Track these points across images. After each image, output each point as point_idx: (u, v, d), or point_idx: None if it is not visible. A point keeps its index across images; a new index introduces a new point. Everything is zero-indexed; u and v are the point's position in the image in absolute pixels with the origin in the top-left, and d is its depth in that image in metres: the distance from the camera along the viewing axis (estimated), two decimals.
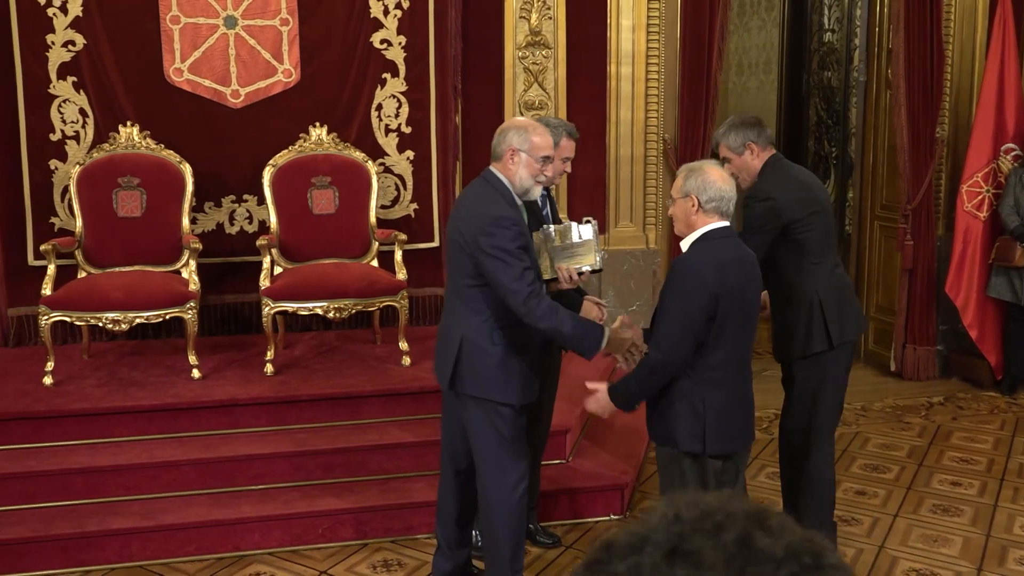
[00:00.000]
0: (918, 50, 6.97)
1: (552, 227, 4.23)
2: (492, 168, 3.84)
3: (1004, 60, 6.96)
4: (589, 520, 5.07)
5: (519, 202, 3.81)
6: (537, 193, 3.87)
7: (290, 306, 5.65)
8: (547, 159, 3.80)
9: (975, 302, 7.13)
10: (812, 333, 4.25)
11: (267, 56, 6.30)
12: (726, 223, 3.55)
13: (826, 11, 10.41)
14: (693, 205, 3.52)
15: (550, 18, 6.60)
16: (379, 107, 6.49)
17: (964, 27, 7.26)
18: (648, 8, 6.72)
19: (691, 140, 6.75)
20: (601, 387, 3.73)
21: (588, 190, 6.75)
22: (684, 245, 3.61)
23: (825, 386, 4.36)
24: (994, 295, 6.99)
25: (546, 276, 4.02)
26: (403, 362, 5.77)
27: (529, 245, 3.71)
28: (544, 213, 4.43)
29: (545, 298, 3.67)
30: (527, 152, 3.74)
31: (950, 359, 7.51)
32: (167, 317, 5.52)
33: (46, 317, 5.35)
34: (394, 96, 6.51)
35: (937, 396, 7.04)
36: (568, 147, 4.25)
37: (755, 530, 0.88)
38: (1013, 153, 7.04)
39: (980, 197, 7.07)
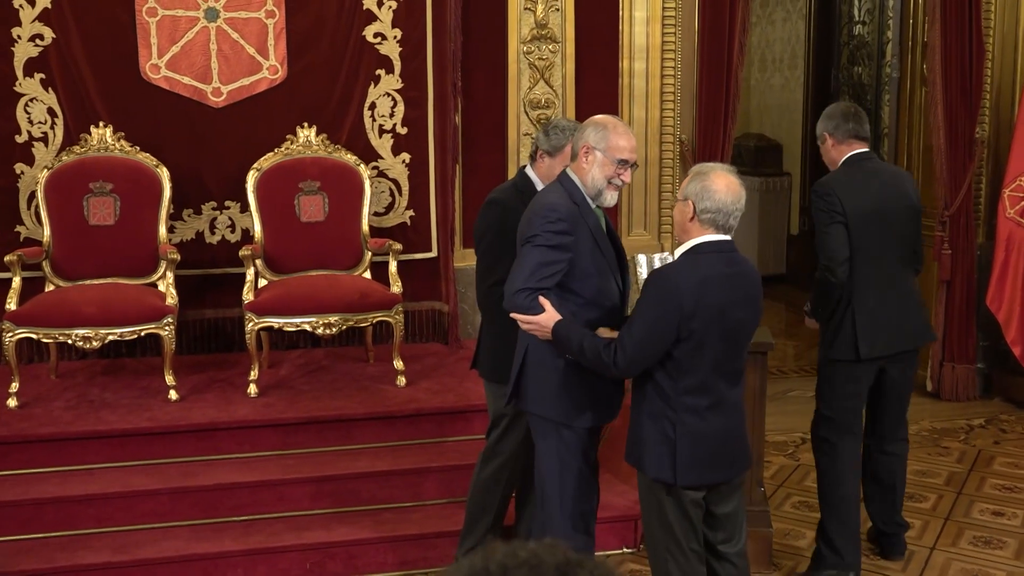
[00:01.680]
0: (956, 44, 6.97)
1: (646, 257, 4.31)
2: (567, 169, 3.86)
3: None
4: (599, 553, 5.05)
5: (592, 205, 3.79)
6: (612, 199, 3.81)
7: (275, 322, 5.64)
8: (625, 163, 3.76)
9: (1019, 316, 7.11)
10: (839, 338, 4.60)
11: (251, 51, 6.31)
12: (724, 236, 3.53)
13: (856, 2, 10.42)
14: (689, 212, 3.52)
15: (557, 10, 6.61)
16: (372, 106, 6.50)
17: (1006, 19, 7.26)
18: None
19: (710, 141, 6.75)
20: (554, 315, 3.63)
21: None
22: (676, 255, 3.62)
23: (835, 394, 4.70)
24: None
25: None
26: (398, 382, 5.76)
27: (573, 247, 3.67)
28: None
29: (526, 297, 3.63)
30: (603, 151, 3.74)
31: (992, 378, 7.49)
32: (142, 334, 5.52)
33: (11, 334, 5.35)
34: (389, 94, 6.52)
35: (978, 418, 7.02)
36: None
37: None
38: None
39: (1023, 203, 7.06)
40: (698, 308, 3.42)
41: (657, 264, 4.25)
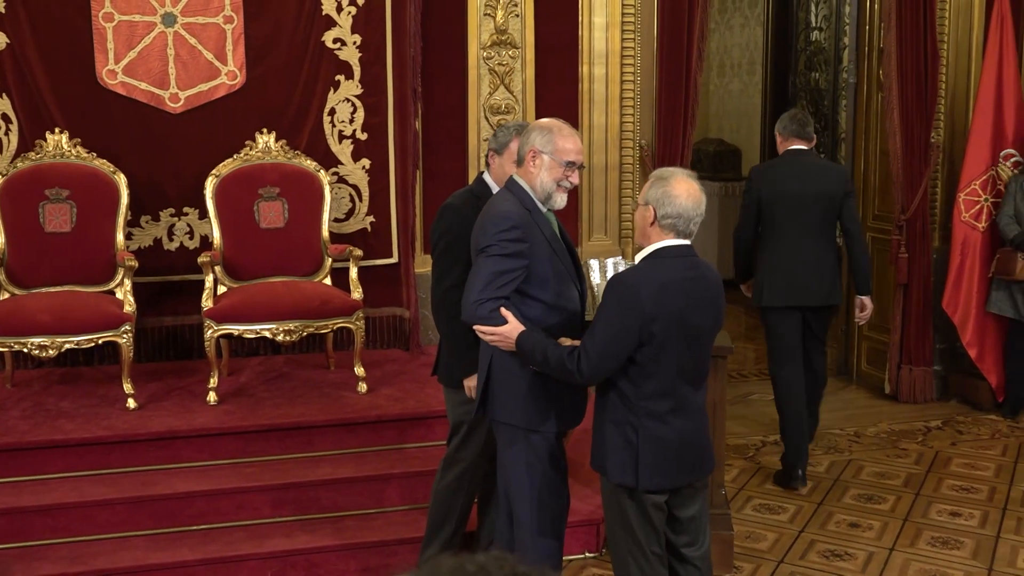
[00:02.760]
0: (911, 49, 7.04)
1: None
2: (514, 174, 3.86)
3: (1002, 60, 7.04)
4: (563, 558, 5.04)
5: (543, 209, 3.80)
6: (561, 201, 3.82)
7: (235, 329, 5.60)
8: (572, 164, 3.77)
9: (974, 319, 7.19)
10: (755, 290, 5.96)
11: (209, 56, 6.26)
12: (684, 241, 3.55)
13: (813, 8, 10.51)
14: (650, 217, 3.54)
15: (517, 15, 6.62)
16: (332, 112, 6.48)
17: (960, 25, 7.35)
18: (623, 5, 6.75)
19: (670, 146, 6.77)
20: (517, 326, 3.62)
21: None
22: (636, 259, 3.63)
23: (768, 334, 6.03)
24: (995, 311, 7.06)
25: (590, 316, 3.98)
26: (359, 389, 5.74)
27: (529, 254, 3.67)
28: None
29: (496, 303, 3.63)
30: (550, 155, 3.74)
31: (948, 380, 7.57)
32: (99, 342, 5.46)
33: None
34: (348, 100, 6.49)
35: (935, 420, 7.09)
36: None
37: None
38: (1013, 159, 7.12)
39: (978, 206, 7.15)
40: (659, 313, 3.43)
41: (611, 269, 4.27)
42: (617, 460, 3.57)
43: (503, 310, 3.62)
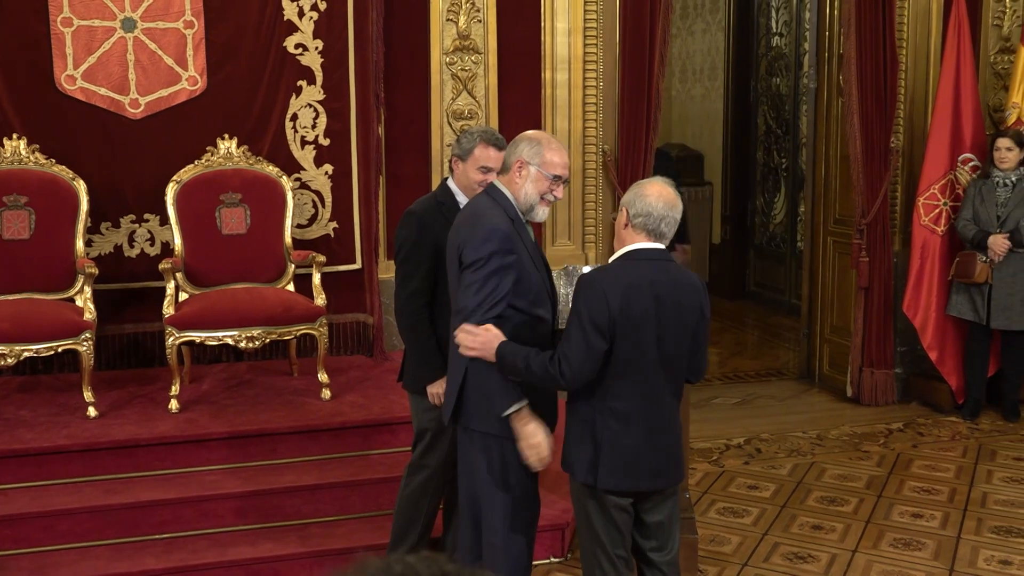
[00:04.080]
0: (870, 55, 7.12)
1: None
2: (496, 181, 3.85)
3: (960, 65, 7.13)
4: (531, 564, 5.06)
5: (523, 219, 3.80)
6: (544, 214, 3.82)
7: (197, 335, 5.58)
8: (559, 178, 3.76)
9: (934, 322, 7.28)
10: None
11: (170, 62, 6.24)
12: (658, 244, 3.58)
13: (774, 14, 10.62)
14: (624, 219, 3.58)
15: (479, 21, 6.64)
16: (294, 117, 6.46)
17: (918, 31, 7.44)
18: (585, 10, 6.78)
19: (632, 152, 6.82)
20: (498, 335, 3.60)
21: None
22: (610, 261, 3.67)
23: None
24: (954, 314, 7.14)
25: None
26: (323, 395, 5.73)
27: (517, 266, 3.67)
28: None
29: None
30: (538, 167, 3.74)
31: (909, 383, 7.65)
32: (59, 350, 5.42)
33: None
34: (310, 105, 6.49)
35: (896, 422, 7.17)
36: (485, 156, 4.24)
37: None
38: (971, 164, 7.21)
39: (937, 210, 7.23)
40: (621, 313, 3.45)
41: (572, 273, 4.28)
42: (580, 458, 3.59)
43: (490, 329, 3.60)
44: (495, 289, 3.61)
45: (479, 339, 3.58)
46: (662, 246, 3.58)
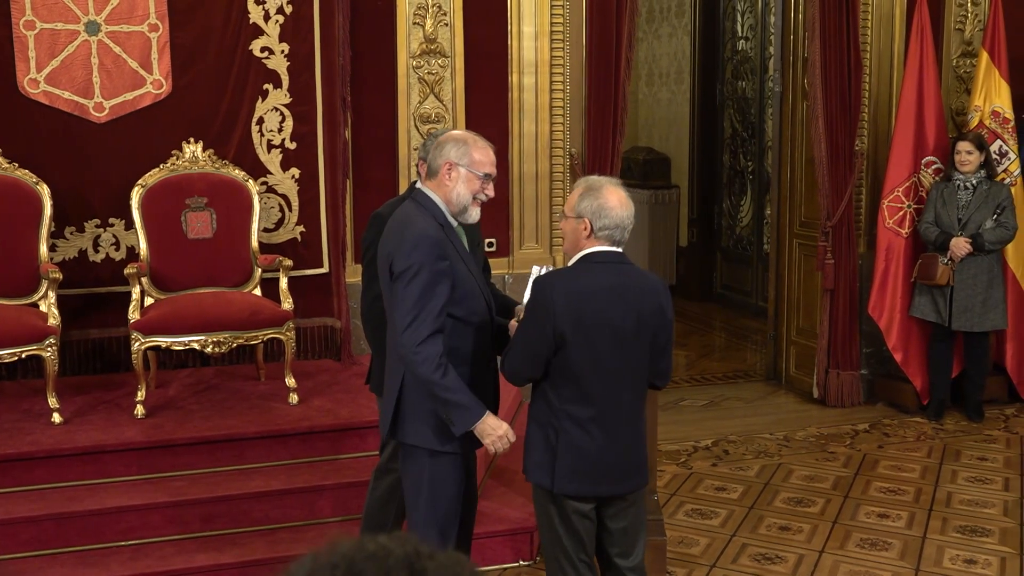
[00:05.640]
0: (835, 59, 7.18)
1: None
2: (422, 186, 3.81)
3: (923, 69, 7.20)
4: (495, 567, 5.07)
5: (454, 223, 3.78)
6: (476, 215, 3.80)
7: (163, 340, 5.55)
8: (488, 176, 3.76)
9: (899, 323, 7.34)
10: None
11: (134, 65, 6.20)
12: (615, 249, 3.58)
13: (739, 18, 10.69)
14: (585, 229, 3.55)
15: (446, 24, 6.64)
16: (260, 121, 6.44)
17: (882, 34, 7.50)
18: (551, 14, 6.80)
19: (599, 154, 6.84)
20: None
21: (490, 209, 6.73)
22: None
23: None
24: (917, 315, 7.21)
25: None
26: (290, 400, 5.71)
27: (451, 272, 3.63)
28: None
29: (438, 345, 3.58)
30: (467, 167, 3.72)
31: (875, 384, 7.72)
32: (23, 355, 5.37)
33: None
34: (277, 109, 6.47)
35: (862, 423, 7.23)
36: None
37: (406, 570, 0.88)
38: (934, 167, 7.29)
39: (901, 213, 7.30)
40: (572, 318, 3.45)
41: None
42: (537, 461, 3.60)
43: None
44: (430, 302, 3.55)
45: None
46: (619, 248, 3.59)
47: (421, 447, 3.74)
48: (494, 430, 3.65)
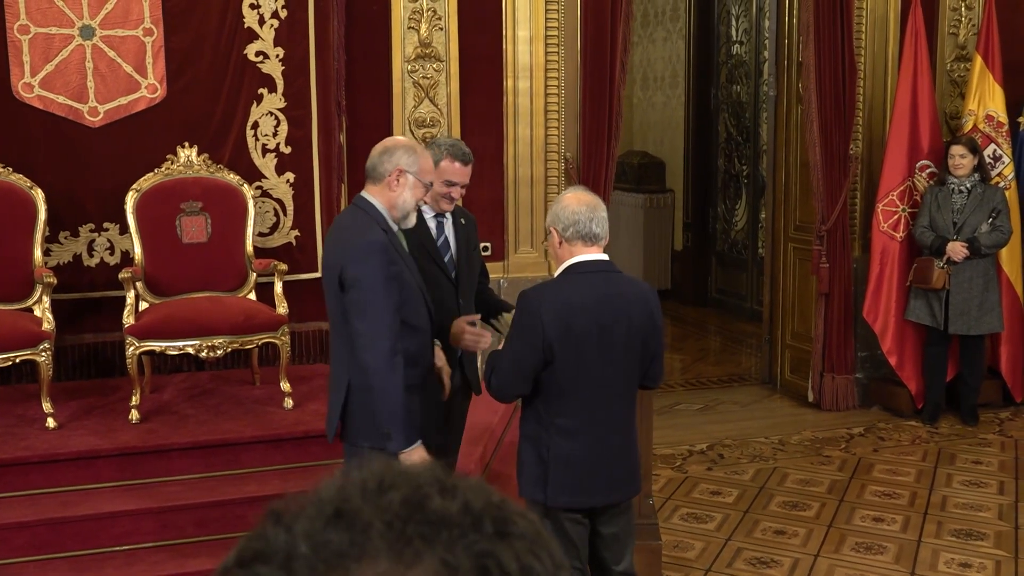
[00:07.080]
0: (829, 62, 7.19)
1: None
2: (364, 194, 3.83)
3: (917, 73, 7.21)
4: None
5: (395, 228, 3.81)
6: (413, 220, 3.86)
7: (158, 345, 5.53)
8: (430, 185, 3.85)
9: (894, 327, 7.35)
10: None
11: (129, 69, 6.19)
12: (600, 255, 3.57)
13: (734, 22, 10.70)
14: (556, 238, 3.57)
15: (441, 29, 6.64)
16: (255, 125, 6.43)
17: (876, 38, 7.51)
18: (546, 18, 6.80)
19: (594, 158, 6.84)
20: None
21: (485, 214, 6.76)
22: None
23: None
24: (912, 319, 7.21)
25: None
26: (285, 404, 5.70)
27: (399, 276, 3.68)
28: (443, 241, 4.40)
29: (395, 355, 3.61)
30: (415, 174, 3.75)
31: (870, 387, 7.72)
32: (17, 360, 5.35)
33: None
34: (272, 113, 6.46)
35: (857, 427, 7.23)
36: (450, 170, 4.24)
37: (431, 491, 0.86)
38: (928, 170, 7.29)
39: (896, 216, 7.31)
40: (560, 332, 3.44)
41: None
42: (530, 476, 3.60)
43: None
44: (386, 304, 3.60)
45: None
46: (604, 256, 3.58)
47: (376, 448, 3.73)
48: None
